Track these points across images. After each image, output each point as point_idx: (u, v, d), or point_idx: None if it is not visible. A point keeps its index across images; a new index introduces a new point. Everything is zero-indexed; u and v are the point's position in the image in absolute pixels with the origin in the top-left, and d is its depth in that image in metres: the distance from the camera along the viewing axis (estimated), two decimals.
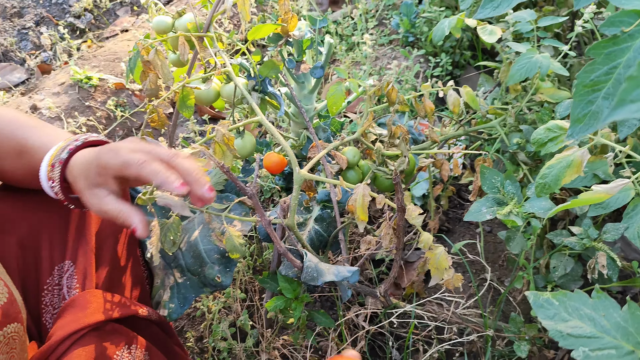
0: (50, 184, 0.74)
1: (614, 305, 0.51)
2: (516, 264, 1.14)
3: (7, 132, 0.77)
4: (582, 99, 0.47)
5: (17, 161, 0.77)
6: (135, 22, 2.10)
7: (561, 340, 0.51)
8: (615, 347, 0.49)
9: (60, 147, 0.73)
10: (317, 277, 0.89)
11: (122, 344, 0.79)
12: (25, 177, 0.78)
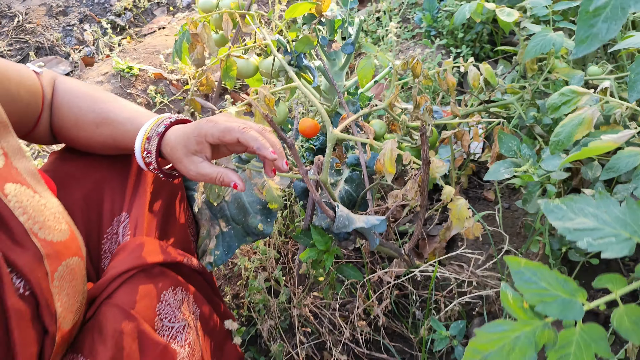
0: (145, 154, 0.84)
1: (614, 203, 0.59)
2: (531, 229, 1.22)
3: (86, 105, 0.88)
4: (585, 23, 0.56)
5: (95, 131, 0.87)
6: (172, 20, 2.23)
7: (568, 234, 0.60)
8: (614, 235, 0.57)
9: (155, 123, 0.83)
10: (348, 225, 0.98)
11: (169, 285, 0.87)
12: (102, 146, 0.88)
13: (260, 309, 1.19)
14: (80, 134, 0.87)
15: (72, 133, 0.87)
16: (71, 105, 0.88)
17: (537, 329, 0.59)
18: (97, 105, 0.88)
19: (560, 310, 0.57)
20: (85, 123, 0.86)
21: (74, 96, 0.90)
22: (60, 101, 0.89)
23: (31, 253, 0.68)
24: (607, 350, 0.59)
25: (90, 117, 0.86)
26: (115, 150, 0.89)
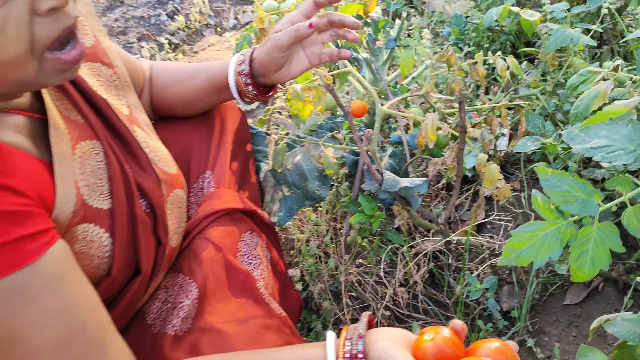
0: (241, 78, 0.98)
1: (622, 125, 0.74)
2: None
3: (179, 67, 1.07)
4: None
5: (191, 81, 1.04)
6: (220, 40, 2.45)
7: (587, 153, 0.75)
8: (623, 149, 0.72)
9: (241, 53, 1.00)
10: (394, 185, 1.14)
11: (247, 229, 1.03)
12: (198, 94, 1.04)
13: (312, 271, 1.34)
14: (179, 89, 1.04)
15: (172, 91, 1.05)
16: (168, 70, 1.07)
17: (562, 227, 0.73)
18: (187, 65, 1.07)
19: (580, 208, 0.72)
20: (182, 79, 1.04)
21: (168, 66, 1.08)
22: (157, 73, 1.07)
23: (152, 178, 0.85)
24: (619, 245, 0.73)
25: (185, 73, 1.04)
26: (210, 92, 1.04)
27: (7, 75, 0.59)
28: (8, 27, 0.56)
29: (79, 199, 0.71)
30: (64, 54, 0.62)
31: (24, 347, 0.59)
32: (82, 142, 0.75)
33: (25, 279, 0.59)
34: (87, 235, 0.72)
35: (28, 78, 0.61)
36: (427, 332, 0.60)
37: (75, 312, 0.63)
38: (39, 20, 0.58)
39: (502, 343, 0.59)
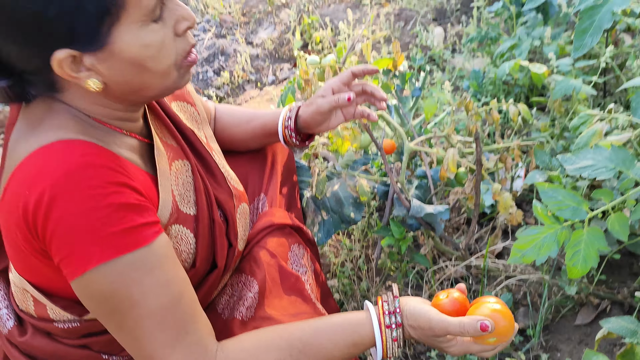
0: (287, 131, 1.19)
1: (604, 149, 0.93)
2: None
3: (240, 111, 1.29)
4: (579, 38, 0.92)
5: (248, 125, 1.25)
6: (260, 93, 2.71)
7: (577, 172, 0.93)
8: (604, 167, 0.91)
9: (289, 109, 1.21)
10: (420, 211, 1.32)
11: (295, 242, 1.22)
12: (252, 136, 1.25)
13: (347, 290, 1.51)
14: (238, 130, 1.26)
15: (232, 131, 1.26)
16: (229, 113, 1.29)
17: (558, 230, 0.91)
18: (246, 111, 1.29)
19: (571, 214, 0.89)
20: (240, 122, 1.26)
21: (230, 109, 1.31)
22: (221, 114, 1.29)
23: (226, 192, 1.05)
24: (606, 246, 0.90)
25: (244, 117, 1.26)
26: (262, 136, 1.25)
27: (156, 83, 0.81)
28: (167, 41, 0.78)
29: (174, 204, 0.91)
30: (190, 58, 0.84)
31: (138, 310, 0.78)
32: (176, 161, 0.96)
33: (143, 256, 0.78)
34: (179, 234, 0.92)
35: (169, 84, 0.82)
36: (442, 294, 0.79)
37: (175, 286, 0.81)
38: (178, 39, 0.81)
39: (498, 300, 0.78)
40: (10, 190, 0.77)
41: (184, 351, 0.80)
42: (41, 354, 0.96)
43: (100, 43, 0.73)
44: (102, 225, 0.74)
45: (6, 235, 0.83)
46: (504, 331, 0.80)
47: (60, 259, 0.75)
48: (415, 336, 0.86)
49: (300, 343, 0.85)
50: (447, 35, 2.79)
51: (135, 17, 0.73)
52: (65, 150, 0.76)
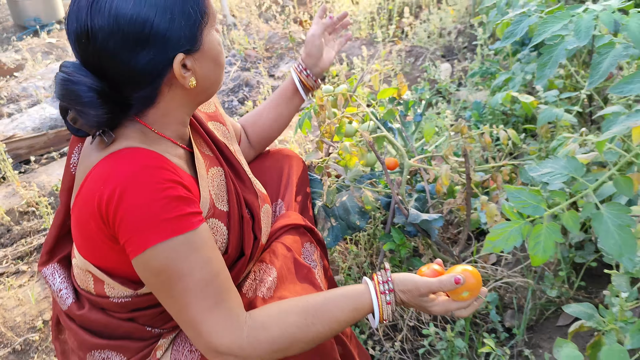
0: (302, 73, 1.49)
1: (561, 159, 1.13)
2: None
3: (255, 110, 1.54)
4: (540, 70, 1.12)
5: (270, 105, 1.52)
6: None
7: (538, 178, 1.14)
8: (560, 173, 1.11)
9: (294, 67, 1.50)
10: (417, 218, 1.52)
11: (307, 240, 1.42)
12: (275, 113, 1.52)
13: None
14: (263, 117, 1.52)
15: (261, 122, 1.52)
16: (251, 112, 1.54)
17: (522, 224, 1.11)
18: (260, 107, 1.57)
19: (532, 210, 1.09)
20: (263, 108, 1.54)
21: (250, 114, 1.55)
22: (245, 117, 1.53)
23: (252, 194, 1.27)
24: (561, 238, 1.09)
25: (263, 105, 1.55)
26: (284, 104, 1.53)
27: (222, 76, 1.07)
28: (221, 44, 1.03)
29: (211, 202, 1.13)
30: None
31: (185, 281, 0.98)
32: (212, 167, 1.19)
33: (190, 238, 0.98)
34: (215, 226, 1.13)
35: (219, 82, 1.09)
36: (424, 267, 1.00)
37: (214, 264, 1.02)
38: None
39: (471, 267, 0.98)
40: (85, 187, 0.99)
41: (219, 316, 1.00)
42: (95, 325, 1.17)
43: (198, 45, 0.98)
44: (160, 212, 0.95)
45: (79, 225, 1.05)
46: (473, 286, 1.03)
47: (125, 240, 0.96)
48: (405, 299, 1.06)
49: (313, 309, 1.05)
50: (454, 70, 3.02)
51: (212, 22, 1.00)
52: (132, 155, 0.98)
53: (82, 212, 1.00)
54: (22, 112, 3.15)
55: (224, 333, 1.00)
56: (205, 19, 0.99)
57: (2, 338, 1.77)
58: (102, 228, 0.98)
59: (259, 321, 1.03)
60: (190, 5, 0.96)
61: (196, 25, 0.97)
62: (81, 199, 1.00)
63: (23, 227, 2.27)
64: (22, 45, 4.10)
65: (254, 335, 1.01)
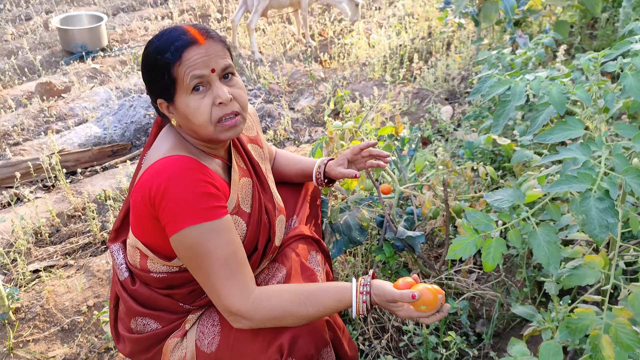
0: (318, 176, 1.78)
1: (508, 189, 1.46)
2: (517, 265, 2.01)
3: (290, 156, 1.88)
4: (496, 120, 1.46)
5: (293, 167, 1.84)
6: (297, 149, 3.31)
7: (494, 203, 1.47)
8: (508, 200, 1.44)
9: (320, 162, 1.79)
10: (403, 234, 1.85)
11: (313, 249, 1.76)
12: (296, 174, 1.84)
13: None
14: (287, 168, 1.84)
15: (284, 168, 1.85)
16: (285, 156, 1.87)
17: (476, 238, 1.43)
18: (294, 156, 1.89)
19: (484, 227, 1.41)
20: (289, 162, 1.85)
21: (285, 153, 1.89)
22: (279, 155, 1.88)
23: (272, 205, 1.61)
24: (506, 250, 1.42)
25: (292, 160, 1.85)
26: (302, 176, 1.83)
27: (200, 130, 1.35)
28: (202, 107, 1.35)
29: (237, 203, 1.48)
30: (225, 122, 1.41)
31: (210, 256, 1.32)
32: (243, 178, 1.54)
33: (216, 224, 1.32)
34: (237, 221, 1.48)
35: (208, 134, 1.38)
36: (400, 279, 1.33)
37: (233, 244, 1.35)
38: (215, 107, 1.37)
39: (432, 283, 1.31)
40: (142, 178, 1.35)
41: (234, 284, 1.34)
42: (141, 297, 1.52)
43: (172, 99, 1.34)
44: (194, 203, 1.30)
45: (134, 207, 1.39)
46: (429, 302, 1.32)
47: (166, 222, 1.31)
48: (377, 301, 1.38)
49: (306, 292, 1.38)
50: (455, 112, 3.38)
51: (183, 89, 1.33)
52: (177, 161, 1.33)
53: (137, 197, 1.35)
54: (69, 129, 3.55)
55: (235, 297, 1.33)
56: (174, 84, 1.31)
57: (53, 318, 2.11)
58: (150, 210, 1.32)
59: (263, 293, 1.36)
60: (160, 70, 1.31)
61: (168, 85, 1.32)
62: (138, 187, 1.35)
63: (70, 228, 2.64)
64: (69, 69, 4.54)
65: (257, 302, 1.34)
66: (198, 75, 1.31)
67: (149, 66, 1.34)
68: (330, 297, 1.39)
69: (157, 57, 1.31)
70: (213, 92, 1.34)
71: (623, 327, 1.34)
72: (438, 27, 4.45)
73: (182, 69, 1.30)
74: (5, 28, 5.55)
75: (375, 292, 1.38)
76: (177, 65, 1.30)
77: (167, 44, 1.31)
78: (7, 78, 4.47)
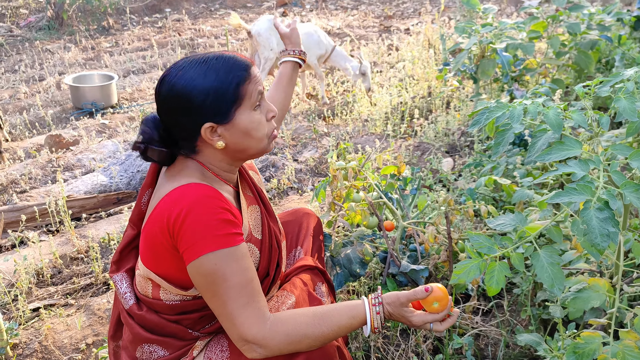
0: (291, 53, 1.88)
1: (510, 215, 1.48)
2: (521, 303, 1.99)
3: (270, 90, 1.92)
4: (495, 147, 1.51)
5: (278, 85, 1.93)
6: (300, 198, 3.35)
7: (495, 227, 1.49)
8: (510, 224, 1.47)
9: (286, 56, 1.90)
10: (407, 268, 1.85)
11: (319, 280, 1.76)
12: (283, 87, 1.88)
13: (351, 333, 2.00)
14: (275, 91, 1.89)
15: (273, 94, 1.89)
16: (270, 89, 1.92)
17: (480, 262, 1.44)
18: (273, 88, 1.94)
19: (487, 250, 1.43)
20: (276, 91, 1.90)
21: None
22: None
23: (277, 227, 1.63)
24: (509, 274, 1.43)
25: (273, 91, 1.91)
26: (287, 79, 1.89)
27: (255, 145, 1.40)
28: (262, 121, 1.40)
29: (249, 230, 1.49)
30: (274, 133, 1.45)
31: (227, 283, 1.32)
32: (251, 205, 1.56)
33: (233, 251, 1.33)
34: (251, 249, 1.49)
35: (262, 147, 1.42)
36: None
37: (249, 272, 1.36)
38: (267, 123, 1.42)
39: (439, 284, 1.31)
40: (157, 208, 1.36)
41: (250, 312, 1.33)
42: (149, 324, 1.50)
43: (229, 119, 1.36)
44: (213, 230, 1.31)
45: (147, 238, 1.41)
46: (441, 298, 1.35)
47: (184, 250, 1.32)
48: (390, 310, 1.38)
49: (320, 313, 1.38)
50: (455, 164, 3.44)
51: (248, 105, 1.37)
52: (195, 188, 1.36)
53: (153, 227, 1.37)
54: (76, 178, 3.61)
55: (252, 325, 1.32)
56: (239, 102, 1.35)
57: (51, 355, 2.08)
58: (168, 239, 1.33)
59: (279, 318, 1.35)
60: (225, 90, 1.34)
61: (228, 104, 1.34)
62: (153, 217, 1.36)
63: (72, 270, 2.63)
64: (78, 124, 4.66)
65: (274, 328, 1.33)
66: (261, 91, 1.39)
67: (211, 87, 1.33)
68: (344, 314, 1.38)
69: (225, 75, 1.34)
70: (265, 108, 1.42)
71: (631, 351, 1.32)
72: (438, 87, 4.60)
73: (251, 86, 1.36)
74: (19, 87, 5.74)
75: (387, 302, 1.38)
76: (247, 83, 1.36)
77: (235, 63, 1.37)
78: (17, 132, 4.58)
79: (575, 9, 3.66)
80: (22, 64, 6.51)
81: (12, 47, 7.25)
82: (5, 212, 3.03)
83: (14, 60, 6.76)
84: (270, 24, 4.41)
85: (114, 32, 8.03)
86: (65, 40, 7.52)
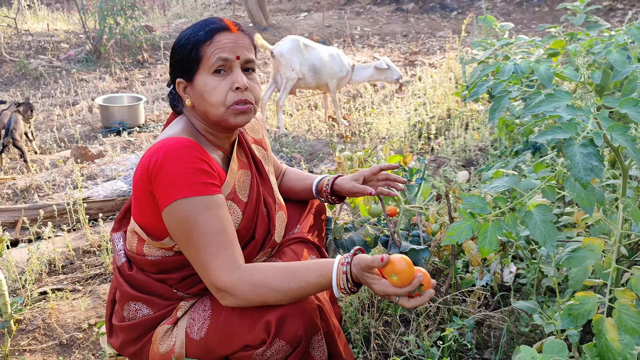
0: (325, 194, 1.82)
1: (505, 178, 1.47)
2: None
3: (299, 171, 1.94)
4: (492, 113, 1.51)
5: (301, 182, 1.89)
6: None
7: (489, 189, 1.47)
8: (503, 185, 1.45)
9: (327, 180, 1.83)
10: (407, 248, 1.83)
11: (313, 254, 1.76)
12: (302, 190, 1.87)
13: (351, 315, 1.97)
14: (296, 184, 1.89)
15: (292, 184, 1.89)
16: (294, 172, 1.93)
17: (473, 222, 1.43)
18: (303, 173, 1.94)
19: (480, 210, 1.41)
20: (298, 178, 1.90)
21: (294, 170, 1.95)
22: (288, 171, 1.94)
23: (272, 199, 1.64)
24: (502, 234, 1.40)
25: (301, 176, 1.90)
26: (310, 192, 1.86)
27: (211, 111, 1.42)
28: (219, 87, 1.41)
29: (233, 189, 1.51)
30: (237, 106, 1.47)
31: (199, 230, 1.33)
32: (243, 169, 1.59)
33: (207, 200, 1.35)
34: (232, 207, 1.50)
35: (218, 115, 1.43)
36: None
37: (223, 221, 1.37)
38: (231, 92, 1.43)
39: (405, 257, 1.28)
40: (142, 158, 1.41)
41: (221, 260, 1.34)
42: (138, 283, 1.52)
43: (191, 78, 1.42)
44: (188, 177, 1.34)
45: (134, 187, 1.44)
46: (401, 272, 1.25)
47: (160, 195, 1.35)
48: (355, 272, 1.32)
49: (289, 268, 1.37)
50: (471, 176, 3.41)
51: (205, 68, 1.41)
52: (176, 139, 1.39)
53: (136, 174, 1.41)
54: (97, 185, 3.70)
55: (221, 272, 1.33)
56: (198, 63, 1.40)
57: (53, 332, 2.10)
58: (147, 185, 1.37)
59: (248, 269, 1.35)
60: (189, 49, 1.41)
61: (190, 64, 1.41)
62: (139, 166, 1.41)
63: (84, 261, 2.68)
64: (105, 140, 4.81)
65: (242, 277, 1.33)
66: (223, 57, 1.40)
67: (179, 44, 1.44)
68: (314, 272, 1.36)
69: (190, 35, 1.42)
70: (232, 77, 1.42)
71: (627, 309, 1.27)
72: (457, 108, 4.62)
73: (210, 48, 1.40)
74: (53, 111, 5.98)
75: (354, 263, 1.33)
76: (206, 45, 1.40)
77: (203, 25, 1.43)
78: (47, 146, 4.75)
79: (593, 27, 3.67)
80: (58, 90, 6.80)
81: (50, 76, 7.59)
82: (25, 209, 3.12)
83: (51, 87, 7.07)
84: (293, 45, 4.53)
85: (147, 65, 8.35)
86: (101, 72, 7.84)
